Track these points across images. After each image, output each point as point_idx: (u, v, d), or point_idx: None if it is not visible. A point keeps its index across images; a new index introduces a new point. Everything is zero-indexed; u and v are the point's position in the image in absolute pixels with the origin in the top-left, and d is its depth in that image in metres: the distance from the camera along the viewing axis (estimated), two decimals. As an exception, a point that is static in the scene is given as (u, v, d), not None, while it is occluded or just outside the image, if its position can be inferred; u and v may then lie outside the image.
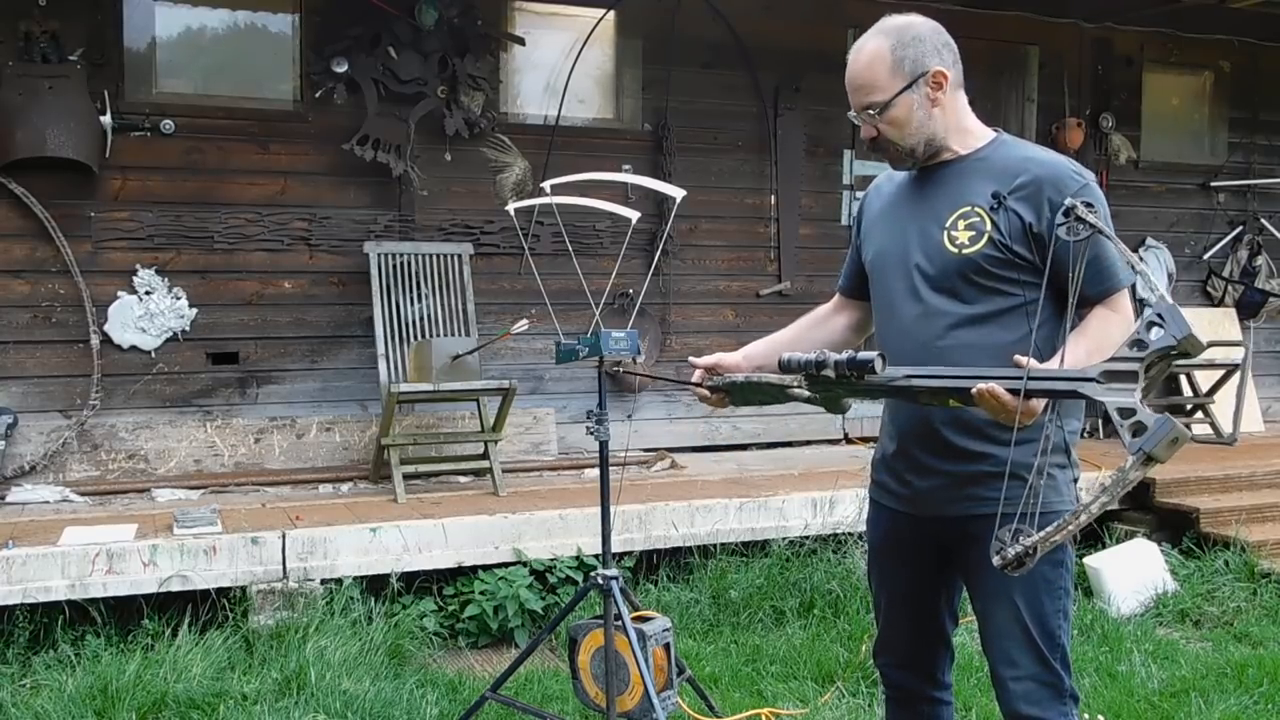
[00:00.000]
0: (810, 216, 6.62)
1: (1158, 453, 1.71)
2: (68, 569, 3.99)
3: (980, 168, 2.24)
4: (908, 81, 2.21)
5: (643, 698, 3.23)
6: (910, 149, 2.26)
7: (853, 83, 2.25)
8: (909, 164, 2.30)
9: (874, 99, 2.22)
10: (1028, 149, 2.27)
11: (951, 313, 2.21)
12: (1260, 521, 5.36)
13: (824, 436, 6.66)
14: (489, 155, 5.88)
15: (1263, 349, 7.72)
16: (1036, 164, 2.20)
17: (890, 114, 2.22)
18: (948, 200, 2.25)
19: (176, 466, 5.33)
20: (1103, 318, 2.15)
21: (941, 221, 2.24)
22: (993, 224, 2.17)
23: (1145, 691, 3.87)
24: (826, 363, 2.08)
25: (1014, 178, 2.19)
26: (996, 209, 2.17)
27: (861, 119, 2.26)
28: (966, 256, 2.19)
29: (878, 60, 2.21)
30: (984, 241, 2.18)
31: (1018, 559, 1.79)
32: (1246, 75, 7.66)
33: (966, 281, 2.20)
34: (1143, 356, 1.77)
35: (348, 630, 4.02)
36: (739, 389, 2.35)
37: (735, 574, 4.69)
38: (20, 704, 3.56)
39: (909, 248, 2.28)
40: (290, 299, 5.60)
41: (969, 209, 2.21)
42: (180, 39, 5.53)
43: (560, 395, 6.07)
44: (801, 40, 6.41)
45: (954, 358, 2.14)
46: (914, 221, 2.29)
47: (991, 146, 2.28)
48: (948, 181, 2.27)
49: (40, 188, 5.12)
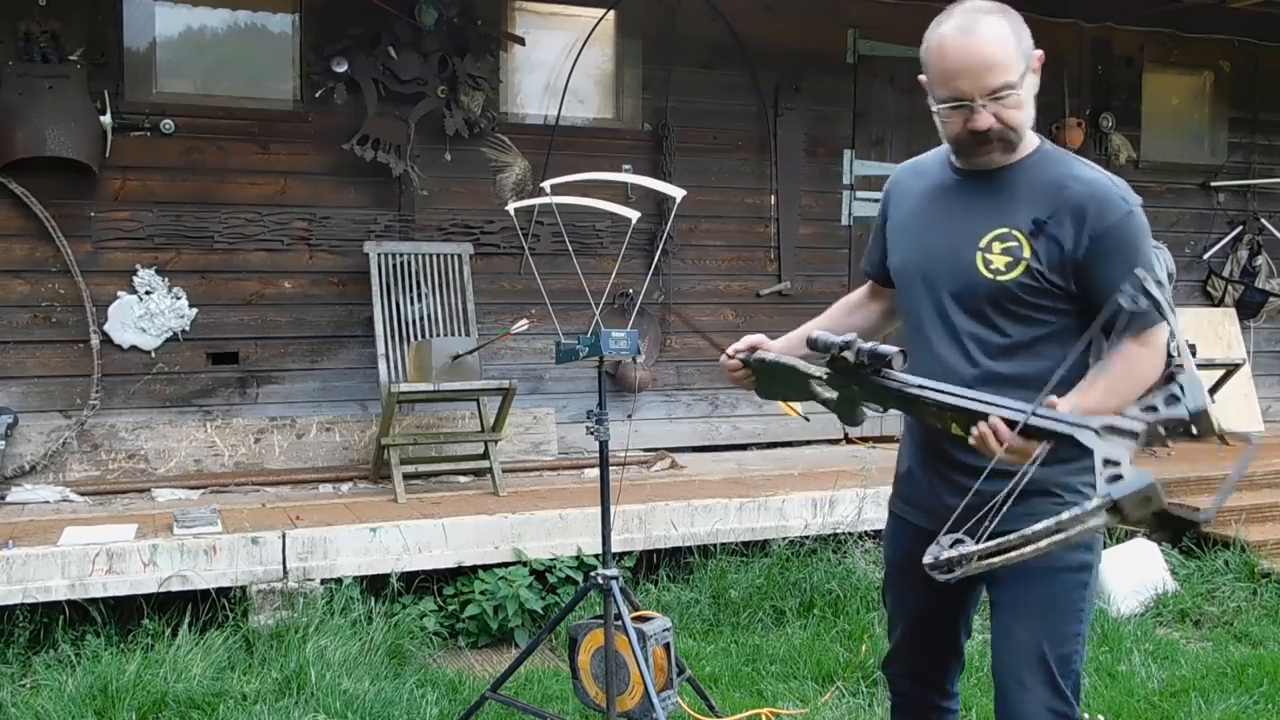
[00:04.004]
0: (810, 216, 6.62)
1: (1125, 505, 1.60)
2: (68, 569, 3.99)
3: (1021, 181, 2.12)
4: (1026, 62, 2.07)
5: (643, 698, 3.23)
6: (1022, 136, 2.11)
7: (979, 64, 2.02)
8: (1002, 159, 2.13)
9: (1008, 79, 2.03)
10: (1072, 165, 2.14)
11: (982, 339, 2.11)
12: (1260, 521, 5.36)
13: (824, 436, 6.66)
14: (489, 155, 5.88)
15: (1263, 349, 7.73)
16: (1080, 184, 2.07)
17: (1017, 96, 2.06)
18: (986, 217, 2.12)
19: (176, 466, 5.33)
20: (1131, 355, 2.02)
21: (976, 242, 2.11)
22: (1031, 251, 2.06)
23: (1145, 691, 3.87)
24: (851, 345, 2.00)
25: (1055, 197, 2.07)
26: (1036, 234, 2.06)
27: (983, 104, 2.04)
28: (1001, 284, 2.08)
29: (1006, 38, 2.04)
30: (1020, 269, 2.06)
31: (947, 564, 1.73)
32: (1246, 75, 7.66)
33: (998, 309, 2.09)
34: (1149, 422, 1.70)
35: (348, 630, 4.02)
36: (767, 370, 2.28)
37: (735, 574, 4.69)
38: (20, 704, 3.56)
39: (938, 266, 2.17)
40: (290, 299, 5.60)
41: (1006, 231, 2.09)
42: (180, 39, 5.53)
43: (560, 395, 6.07)
44: (801, 40, 6.41)
45: (983, 386, 2.03)
46: (946, 237, 2.16)
47: (1035, 157, 2.15)
48: (987, 194, 2.14)
49: (40, 188, 5.12)
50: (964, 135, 2.09)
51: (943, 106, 2.08)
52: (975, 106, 2.04)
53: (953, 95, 2.06)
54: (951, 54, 2.04)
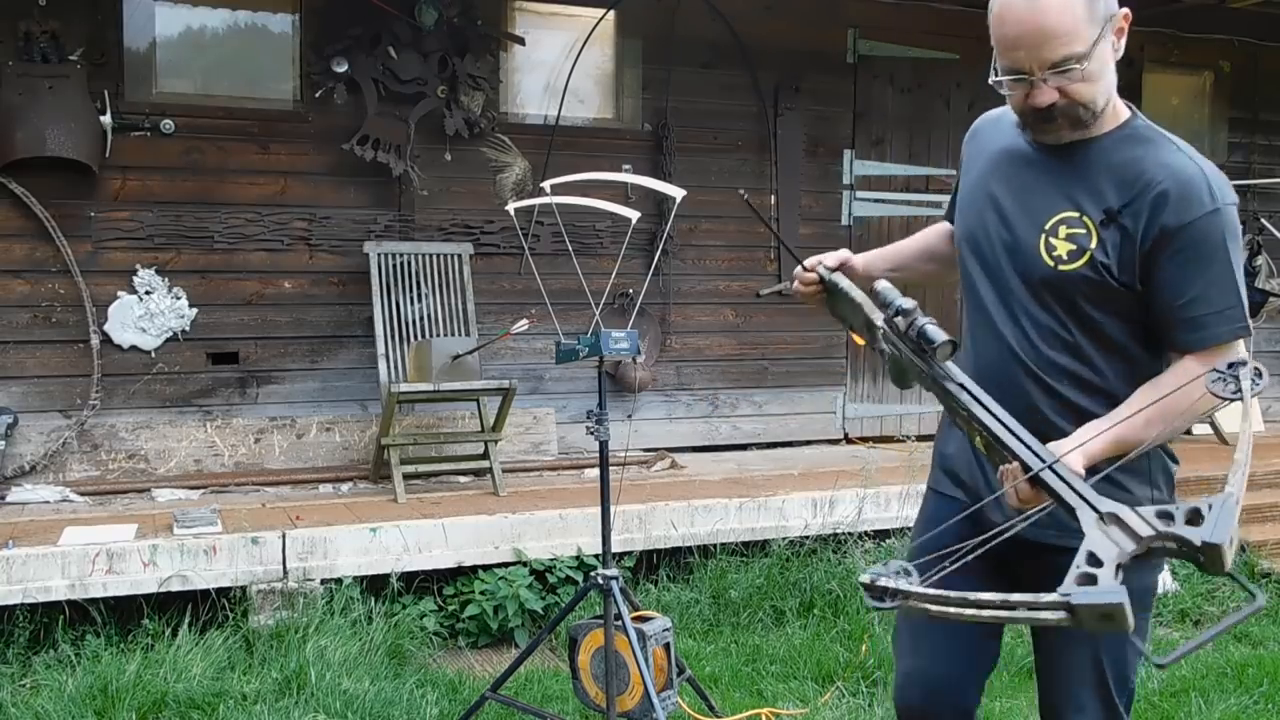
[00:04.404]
0: (810, 216, 6.62)
1: (1082, 613, 1.41)
2: (68, 569, 3.99)
3: (1100, 160, 1.89)
4: (1102, 26, 1.81)
5: (643, 698, 3.23)
6: (1097, 111, 1.87)
7: (1039, 33, 1.78)
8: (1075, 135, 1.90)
9: (1074, 49, 1.78)
10: (1161, 147, 1.89)
11: (1042, 326, 1.92)
12: (1260, 521, 5.36)
13: (824, 436, 6.66)
14: (489, 155, 5.88)
15: (1263, 349, 7.72)
16: (1164, 171, 1.84)
17: (1089, 67, 1.81)
18: (1054, 197, 1.91)
19: (176, 466, 5.33)
20: (1185, 377, 1.79)
21: (1041, 222, 1.91)
22: (1099, 241, 1.85)
23: (1145, 691, 3.87)
24: (908, 314, 1.80)
25: (1135, 183, 1.85)
26: (1106, 224, 1.85)
27: (1043, 79, 1.82)
28: (1063, 274, 1.88)
29: (1073, 3, 1.78)
30: (1084, 260, 1.86)
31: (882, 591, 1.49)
32: (1246, 75, 7.66)
33: (1060, 300, 1.90)
34: (1156, 533, 1.50)
35: (348, 630, 4.03)
36: (839, 295, 2.10)
37: (735, 574, 4.69)
38: (20, 704, 3.56)
39: (999, 243, 1.98)
40: (290, 299, 5.60)
41: (1075, 215, 1.88)
42: (180, 39, 5.53)
43: (560, 395, 6.07)
44: (801, 40, 6.41)
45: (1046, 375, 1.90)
46: (1012, 212, 1.96)
47: (1121, 132, 1.91)
48: (1060, 170, 1.92)
49: (40, 188, 5.12)
50: (1026, 110, 1.88)
51: (1004, 79, 1.86)
52: (1035, 81, 1.83)
53: (1012, 66, 1.84)
54: (1010, 21, 1.81)
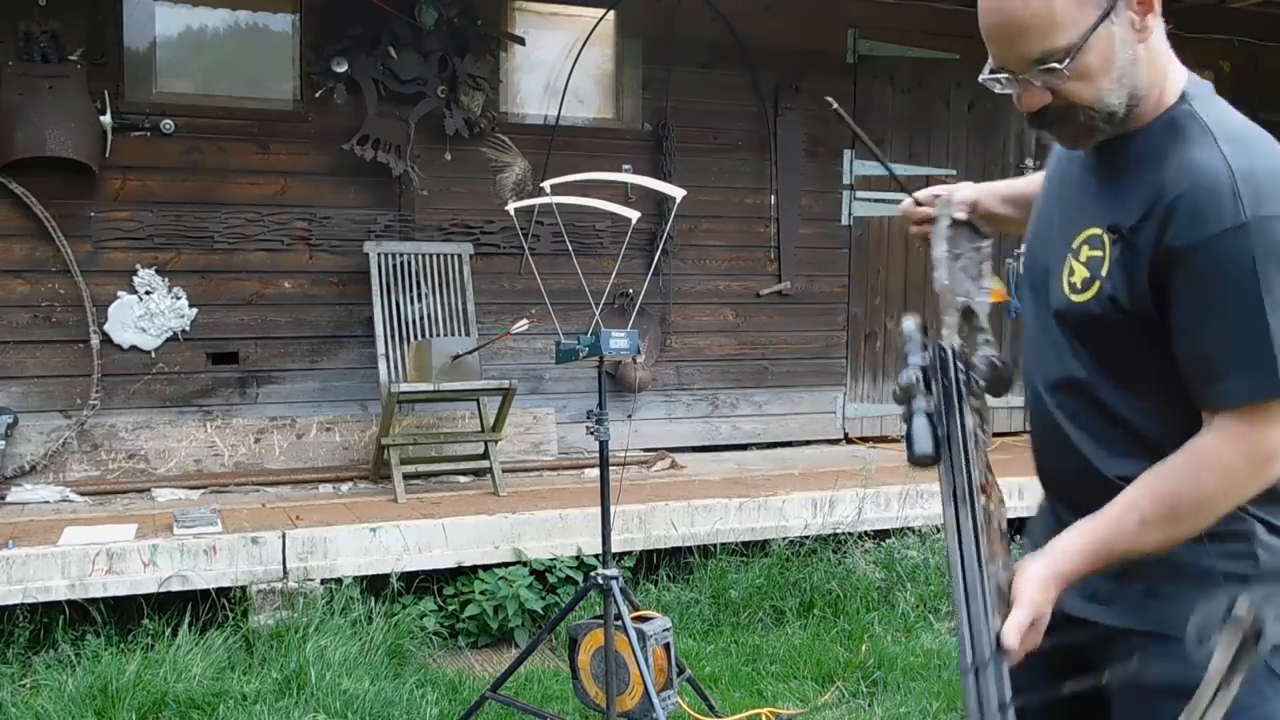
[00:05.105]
0: (810, 216, 6.62)
1: None
2: (68, 569, 4.00)
3: (1134, 160, 1.49)
4: (1104, 9, 1.41)
5: (643, 697, 3.23)
6: (1110, 112, 1.45)
7: (1012, 24, 1.42)
8: (1099, 138, 1.49)
9: (1055, 43, 1.40)
10: (1195, 143, 1.43)
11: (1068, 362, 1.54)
12: (1260, 521, 5.35)
13: (824, 436, 6.66)
14: (489, 155, 5.88)
15: None
16: (1186, 173, 1.41)
17: (1081, 62, 1.41)
18: (1090, 206, 1.53)
19: (176, 466, 5.33)
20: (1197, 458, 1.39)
21: (1070, 239, 1.53)
22: (1110, 266, 1.46)
23: (1145, 691, 3.87)
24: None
25: (1155, 190, 1.43)
26: (1117, 243, 1.45)
27: (1027, 80, 1.45)
28: (1076, 306, 1.50)
29: None
30: (1093, 291, 1.48)
31: None
32: (1246, 75, 7.65)
33: (1078, 336, 1.52)
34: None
35: (348, 630, 4.03)
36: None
37: (735, 574, 4.70)
38: (20, 704, 3.56)
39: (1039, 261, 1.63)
40: (290, 299, 5.60)
41: (1098, 234, 1.49)
42: (180, 39, 5.53)
43: (560, 395, 6.08)
44: (801, 40, 6.42)
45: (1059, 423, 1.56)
46: (1053, 226, 1.61)
47: (1163, 120, 1.48)
48: (1104, 174, 1.53)
49: (40, 188, 5.11)
50: (1026, 115, 1.52)
51: (988, 78, 1.52)
52: (1020, 80, 1.47)
53: (996, 64, 1.49)
54: (984, 10, 1.47)
